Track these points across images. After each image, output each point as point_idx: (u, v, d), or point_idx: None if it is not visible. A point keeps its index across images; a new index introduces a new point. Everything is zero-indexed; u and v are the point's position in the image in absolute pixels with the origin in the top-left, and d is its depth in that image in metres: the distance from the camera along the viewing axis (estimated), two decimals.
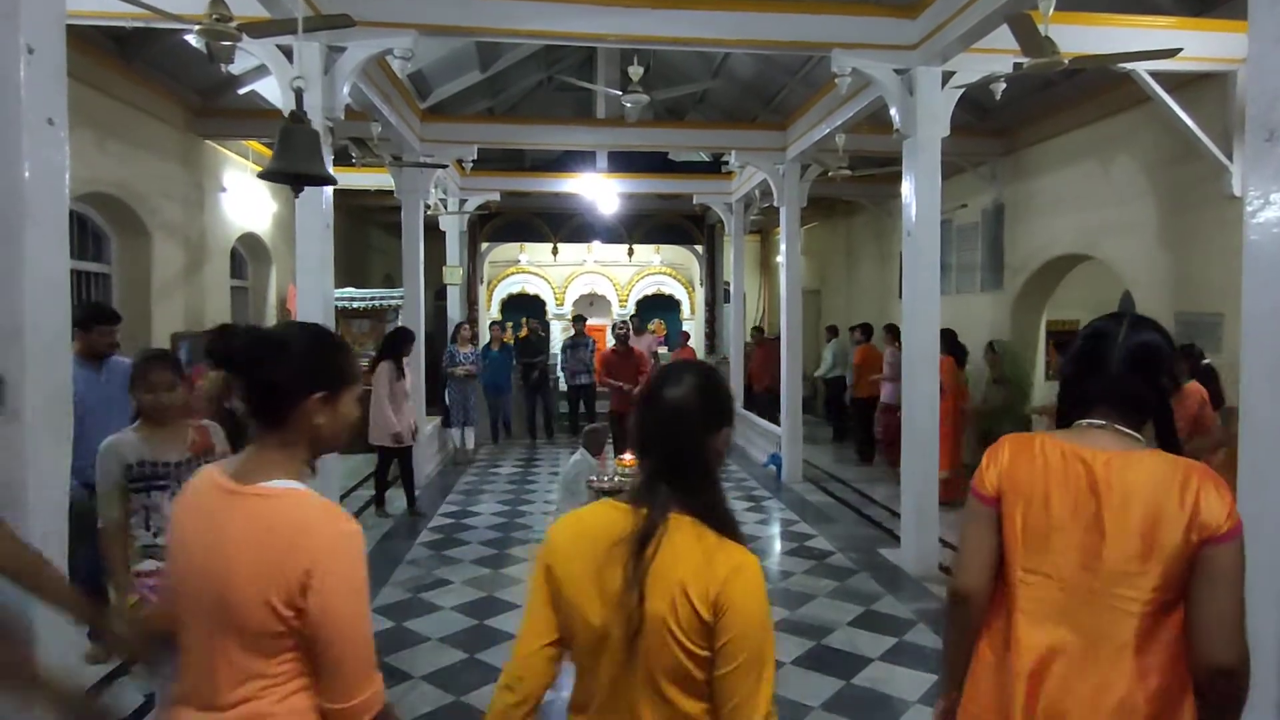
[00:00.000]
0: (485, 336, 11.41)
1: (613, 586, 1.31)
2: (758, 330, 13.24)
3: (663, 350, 12.33)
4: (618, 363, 8.47)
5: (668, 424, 1.38)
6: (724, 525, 1.36)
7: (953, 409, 7.02)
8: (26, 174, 2.11)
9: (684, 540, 1.32)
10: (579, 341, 10.68)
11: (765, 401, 11.23)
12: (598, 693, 1.35)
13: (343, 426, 1.45)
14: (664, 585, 1.29)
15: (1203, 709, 1.46)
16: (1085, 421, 1.59)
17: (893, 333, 9.06)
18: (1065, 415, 1.65)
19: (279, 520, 1.30)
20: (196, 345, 7.05)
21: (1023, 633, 1.53)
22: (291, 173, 3.57)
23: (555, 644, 1.40)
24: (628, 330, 9.06)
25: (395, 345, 6.91)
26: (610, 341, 9.09)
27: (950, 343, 7.30)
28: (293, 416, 1.37)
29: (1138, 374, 1.55)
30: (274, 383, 1.37)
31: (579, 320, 11.27)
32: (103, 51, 5.96)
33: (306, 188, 4.09)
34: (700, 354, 14.32)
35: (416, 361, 7.99)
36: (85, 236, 6.56)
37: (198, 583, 1.33)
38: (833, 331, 11.26)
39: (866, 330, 9.66)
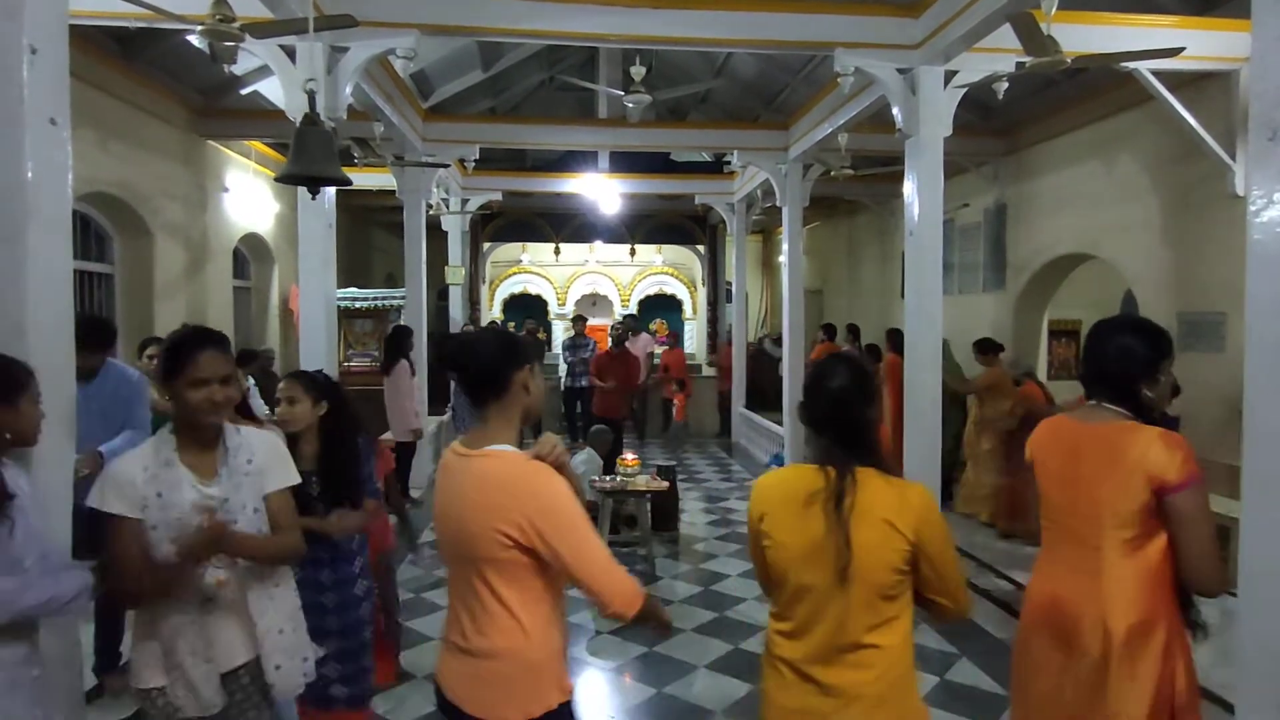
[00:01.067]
0: None
1: (816, 528, 1.69)
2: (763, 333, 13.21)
3: (660, 349, 12.27)
4: (610, 364, 8.40)
5: (837, 406, 1.77)
6: (893, 471, 1.77)
7: (896, 405, 6.99)
8: (29, 174, 2.11)
9: (876, 486, 1.71)
10: (579, 342, 10.57)
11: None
12: (807, 613, 1.74)
13: (541, 394, 1.85)
14: (870, 522, 1.67)
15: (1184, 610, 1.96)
16: (1090, 402, 2.11)
17: (854, 333, 9.33)
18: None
19: (494, 474, 1.71)
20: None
21: (1040, 562, 2.17)
22: (307, 175, 3.58)
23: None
24: (623, 331, 8.97)
25: (405, 343, 6.99)
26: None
27: (897, 341, 7.34)
28: (510, 388, 1.77)
29: (1116, 366, 2.04)
30: (494, 364, 1.76)
31: (579, 321, 11.25)
32: (105, 52, 5.97)
33: (320, 190, 4.10)
34: (701, 355, 14.33)
35: (419, 361, 8.01)
36: (88, 237, 6.57)
37: (448, 528, 1.78)
38: (828, 331, 11.11)
39: (829, 330, 9.80)
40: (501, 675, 1.70)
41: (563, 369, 10.77)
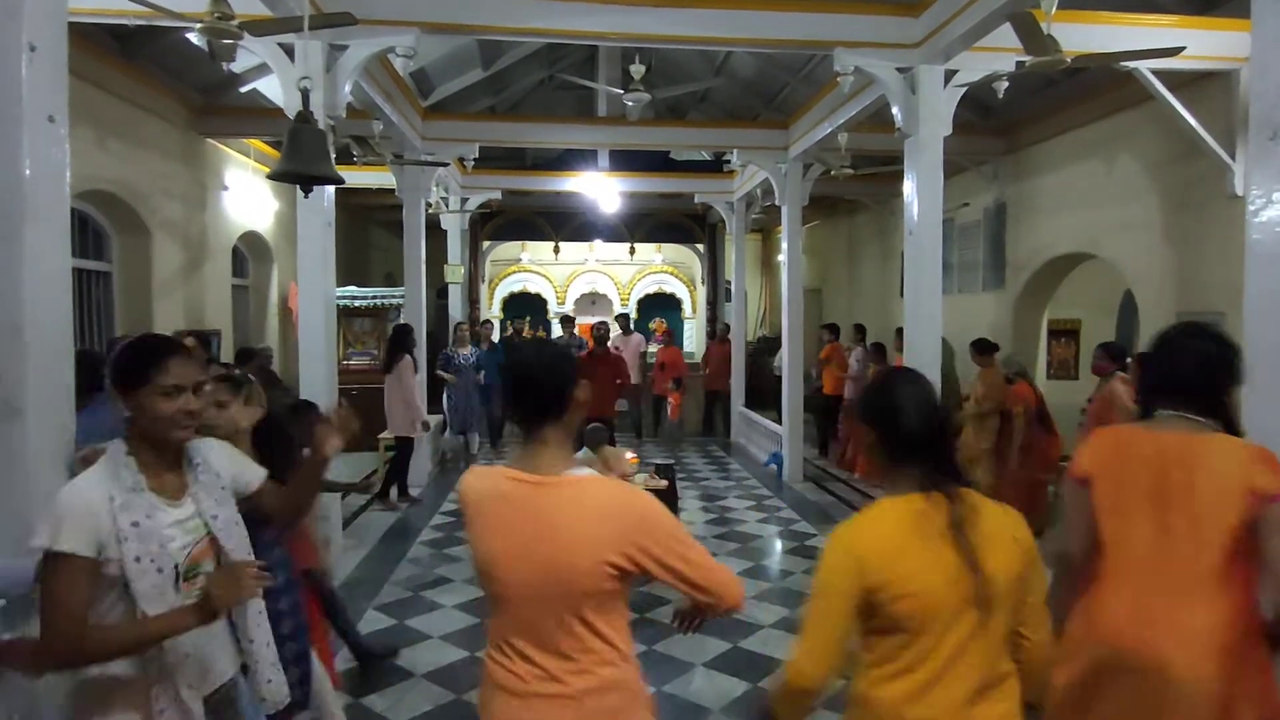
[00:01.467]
0: (495, 335, 11.37)
1: (947, 564, 1.53)
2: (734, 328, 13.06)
3: (655, 348, 12.19)
4: (590, 365, 7.90)
5: (938, 430, 1.63)
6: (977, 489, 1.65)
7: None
8: (27, 171, 2.11)
9: (987, 507, 1.60)
10: (570, 343, 10.55)
11: (722, 401, 11.26)
12: (948, 658, 1.54)
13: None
14: (999, 544, 1.56)
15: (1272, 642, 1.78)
16: (1162, 412, 1.96)
17: (862, 333, 9.45)
18: (1145, 408, 2.02)
19: (591, 503, 1.58)
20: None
21: (1101, 600, 1.91)
22: (300, 173, 3.58)
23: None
24: (606, 331, 8.61)
25: (407, 340, 7.15)
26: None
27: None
28: (570, 406, 1.66)
29: (1198, 373, 1.91)
30: (559, 383, 1.65)
31: (567, 321, 11.24)
32: (104, 49, 5.96)
33: (313, 188, 4.09)
34: (700, 353, 14.31)
35: (419, 361, 8.02)
36: (86, 235, 6.57)
37: (526, 569, 1.57)
38: (833, 331, 11.10)
39: (834, 330, 9.90)
40: (614, 708, 1.59)
41: None
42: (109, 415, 3.19)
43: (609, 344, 8.66)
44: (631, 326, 11.38)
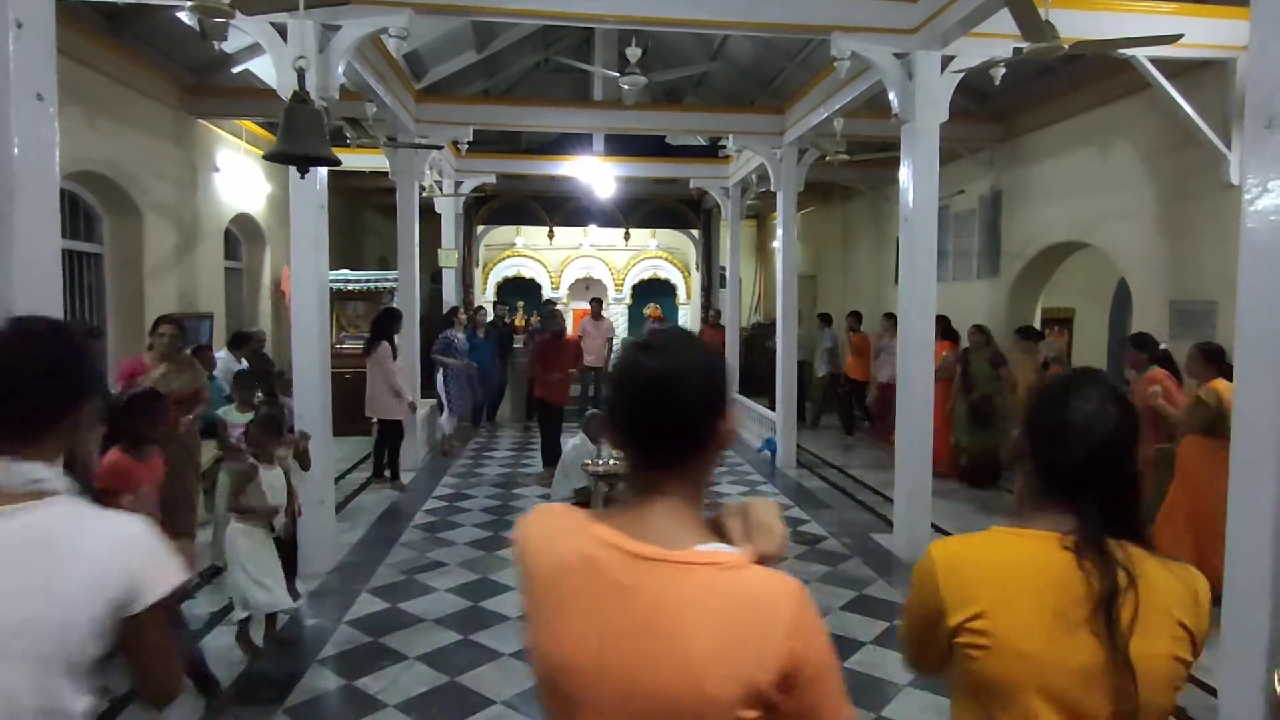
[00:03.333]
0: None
1: (1084, 646, 1.16)
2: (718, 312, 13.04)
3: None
4: (544, 351, 7.89)
5: (1107, 460, 1.22)
6: (1150, 544, 1.23)
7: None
8: (15, 150, 2.09)
9: (1155, 574, 1.20)
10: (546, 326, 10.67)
11: None
12: None
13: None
14: (1156, 627, 1.17)
15: None
16: None
17: (892, 320, 9.43)
18: None
19: (738, 600, 1.00)
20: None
21: None
22: (296, 154, 3.55)
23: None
24: (556, 317, 8.53)
25: (389, 326, 7.21)
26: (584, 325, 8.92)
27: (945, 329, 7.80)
28: (713, 441, 1.08)
29: None
30: (703, 407, 1.06)
31: (548, 305, 11.27)
32: (93, 27, 5.88)
33: (310, 169, 4.07)
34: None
35: (412, 344, 8.00)
36: (77, 216, 6.51)
37: (621, 684, 1.01)
38: (825, 320, 11.12)
39: (857, 317, 10.48)
40: None
41: None
42: None
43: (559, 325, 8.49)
44: (603, 312, 11.38)
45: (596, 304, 11.48)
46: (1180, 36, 4.33)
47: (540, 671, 1.09)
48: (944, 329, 7.54)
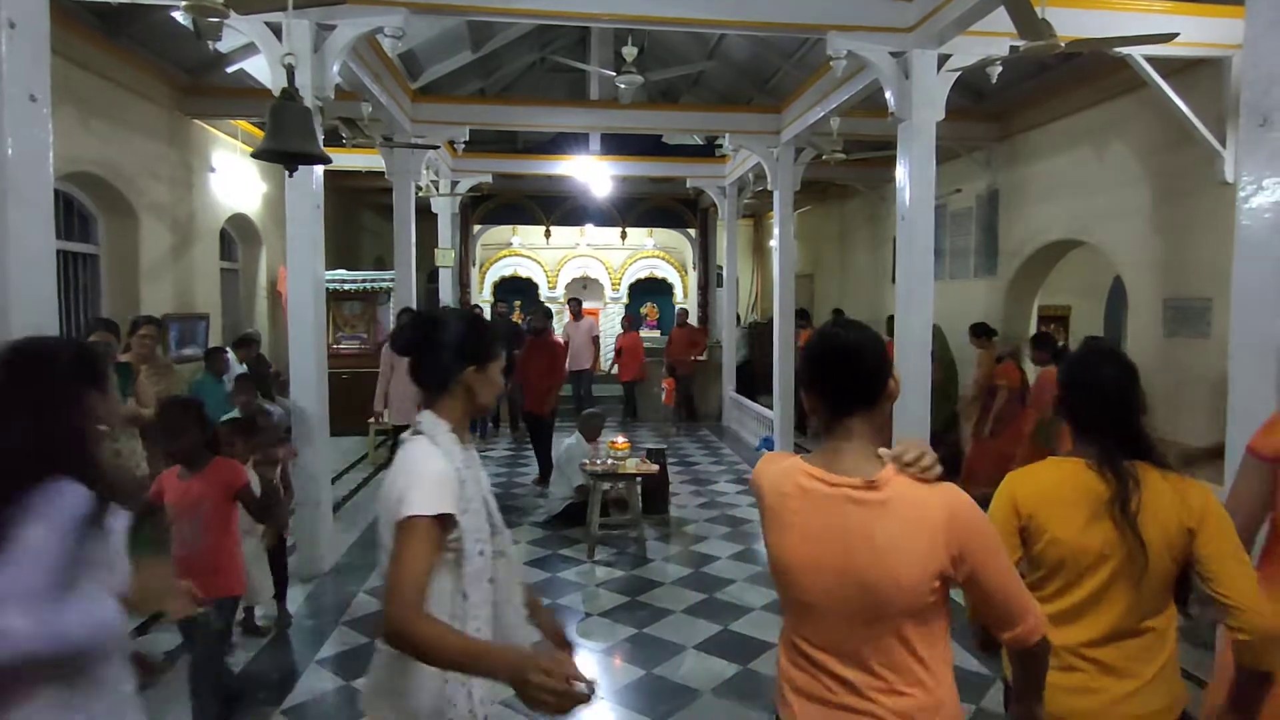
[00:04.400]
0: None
1: (1102, 531, 1.71)
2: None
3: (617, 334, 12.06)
4: (529, 355, 7.72)
5: (1116, 407, 1.77)
6: (1165, 463, 1.76)
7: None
8: (9, 151, 2.08)
9: (1157, 485, 1.72)
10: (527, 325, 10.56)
11: (685, 385, 11.31)
12: (1085, 600, 1.75)
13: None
14: (1158, 521, 1.70)
15: None
16: None
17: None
18: None
19: (923, 510, 1.42)
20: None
21: None
22: (284, 151, 3.53)
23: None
24: (542, 319, 8.15)
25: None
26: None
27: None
28: (883, 393, 1.51)
29: None
30: (879, 364, 1.50)
31: (537, 306, 11.21)
32: (87, 27, 5.86)
33: (299, 167, 4.05)
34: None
35: None
36: (71, 217, 6.49)
37: (839, 581, 1.44)
38: (803, 316, 11.06)
39: (804, 315, 10.50)
40: None
41: None
42: None
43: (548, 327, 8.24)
44: (580, 311, 11.18)
45: (575, 304, 11.36)
46: (1176, 35, 4.34)
47: (774, 565, 1.56)
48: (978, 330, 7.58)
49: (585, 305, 11.65)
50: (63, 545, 1.50)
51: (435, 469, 1.60)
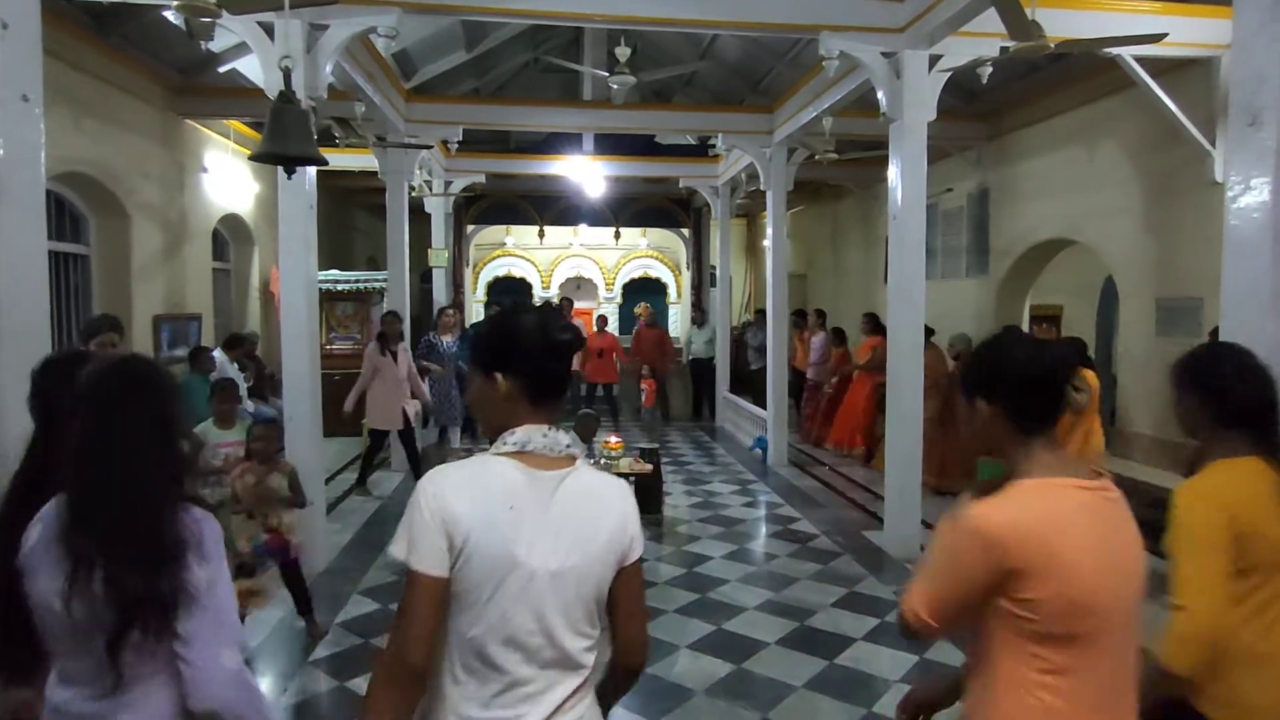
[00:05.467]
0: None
1: None
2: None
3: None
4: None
5: (1267, 398, 1.78)
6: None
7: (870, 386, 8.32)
8: (1, 151, 2.07)
9: None
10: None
11: (660, 385, 11.41)
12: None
13: None
14: None
15: None
16: None
17: (821, 318, 10.38)
18: None
19: (1122, 501, 1.50)
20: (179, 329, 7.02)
21: None
22: (283, 154, 3.53)
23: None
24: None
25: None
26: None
27: (874, 323, 8.36)
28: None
29: None
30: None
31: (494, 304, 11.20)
32: (79, 27, 5.83)
33: (296, 169, 4.05)
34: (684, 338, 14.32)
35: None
36: (63, 217, 6.46)
37: (1124, 581, 1.44)
38: (801, 317, 11.18)
39: (801, 315, 10.98)
40: None
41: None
42: None
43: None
44: (571, 312, 11.14)
45: (566, 304, 11.36)
46: (1164, 35, 4.37)
47: (1068, 608, 1.38)
48: (874, 324, 8.22)
49: (578, 305, 11.63)
50: (229, 579, 1.50)
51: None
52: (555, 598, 1.34)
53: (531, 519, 1.34)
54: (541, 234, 13.90)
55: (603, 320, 11.68)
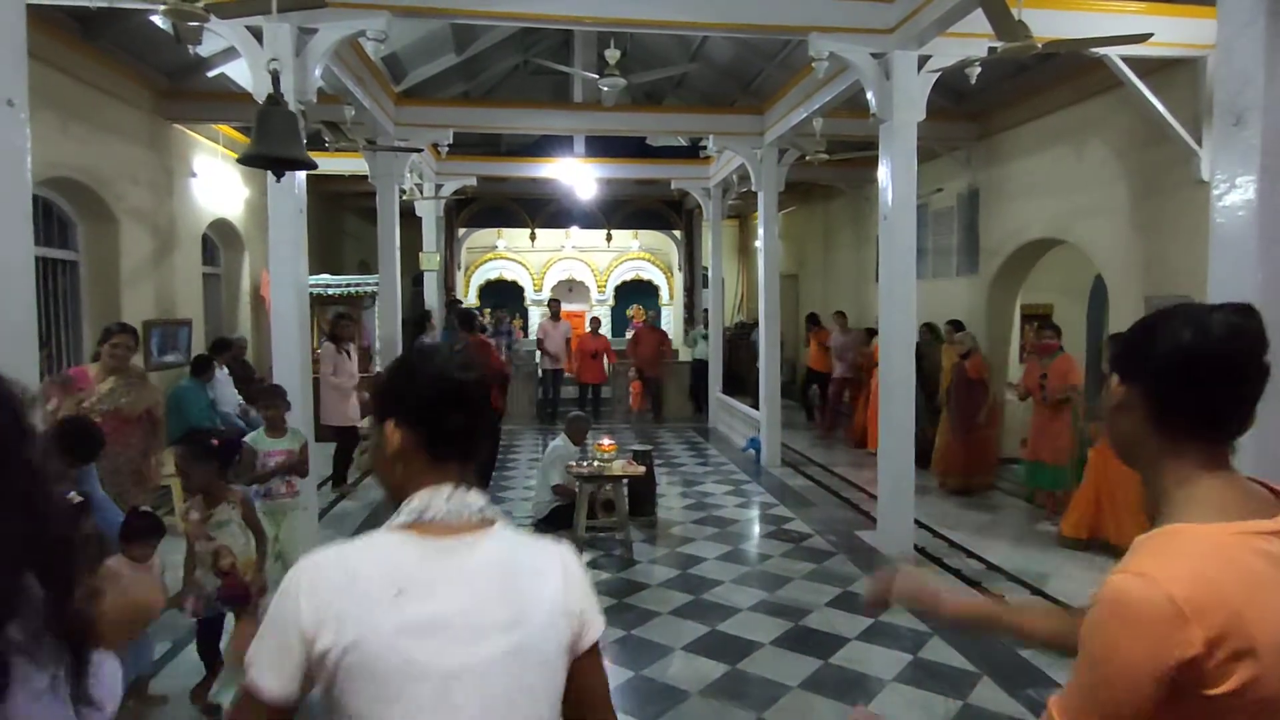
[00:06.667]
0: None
1: None
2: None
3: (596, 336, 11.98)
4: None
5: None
6: None
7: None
8: None
9: None
10: (500, 330, 10.81)
11: (655, 386, 11.48)
12: None
13: None
14: None
15: None
16: None
17: (842, 317, 10.52)
18: None
19: None
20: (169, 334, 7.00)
21: None
22: (271, 157, 3.52)
23: None
24: (474, 319, 7.64)
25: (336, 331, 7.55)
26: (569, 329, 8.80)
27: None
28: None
29: None
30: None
31: (497, 310, 11.37)
32: (65, 31, 5.80)
33: (285, 173, 4.03)
34: (679, 340, 14.34)
35: (393, 351, 7.96)
36: (50, 223, 6.42)
37: None
38: (813, 320, 11.52)
39: (814, 319, 11.37)
40: None
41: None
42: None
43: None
44: (559, 313, 11.39)
45: (554, 305, 11.43)
46: (1150, 35, 4.40)
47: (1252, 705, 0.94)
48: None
49: (568, 308, 11.70)
50: None
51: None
52: (483, 705, 1.04)
53: (433, 606, 1.04)
54: (533, 237, 13.90)
55: (596, 322, 11.72)
